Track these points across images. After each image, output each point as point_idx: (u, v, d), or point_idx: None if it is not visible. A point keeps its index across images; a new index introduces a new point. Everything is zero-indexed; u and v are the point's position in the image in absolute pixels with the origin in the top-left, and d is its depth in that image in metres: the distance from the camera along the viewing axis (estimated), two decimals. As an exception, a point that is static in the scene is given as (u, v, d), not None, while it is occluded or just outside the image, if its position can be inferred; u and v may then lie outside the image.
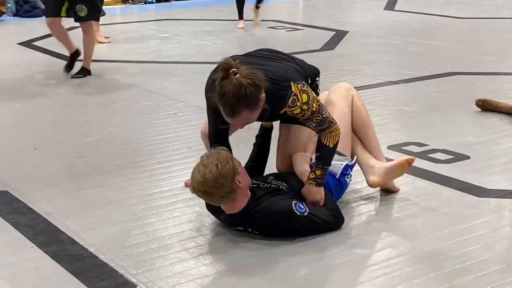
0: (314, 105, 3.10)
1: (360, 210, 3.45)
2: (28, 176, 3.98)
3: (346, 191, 3.54)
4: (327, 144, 3.17)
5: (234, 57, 3.09)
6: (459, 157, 4.15)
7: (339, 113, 3.42)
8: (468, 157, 4.14)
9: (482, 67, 6.60)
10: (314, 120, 3.13)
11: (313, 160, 3.27)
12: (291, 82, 3.08)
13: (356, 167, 3.56)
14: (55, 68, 6.91)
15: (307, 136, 3.43)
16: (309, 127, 3.22)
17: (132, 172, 4.02)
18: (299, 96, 3.06)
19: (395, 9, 10.99)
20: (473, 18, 9.69)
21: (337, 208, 3.26)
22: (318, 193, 3.22)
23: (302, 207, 3.11)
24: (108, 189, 3.76)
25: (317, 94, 3.40)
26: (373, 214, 3.43)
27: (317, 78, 3.44)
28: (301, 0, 13.13)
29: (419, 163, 4.03)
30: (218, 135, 3.27)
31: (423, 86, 5.94)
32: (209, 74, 3.27)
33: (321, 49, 7.74)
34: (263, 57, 3.31)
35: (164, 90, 5.93)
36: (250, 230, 3.16)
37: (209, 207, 3.26)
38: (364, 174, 3.55)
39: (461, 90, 5.75)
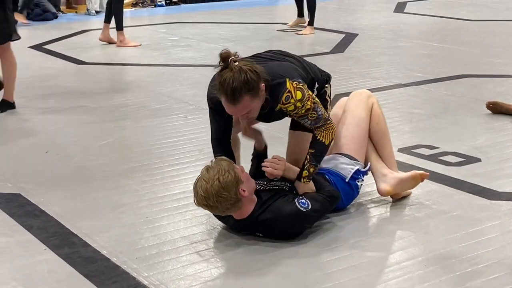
0: (309, 103, 3.10)
1: (371, 213, 3.45)
2: (40, 179, 4.00)
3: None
4: (323, 141, 3.18)
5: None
6: (470, 160, 4.14)
7: (357, 118, 3.43)
8: (479, 160, 4.13)
9: (492, 69, 6.59)
10: (309, 118, 3.14)
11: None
12: (287, 79, 3.11)
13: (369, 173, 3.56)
14: (66, 72, 6.95)
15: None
16: (304, 125, 3.21)
17: (143, 175, 4.03)
18: (293, 93, 3.08)
19: (404, 11, 10.98)
20: (483, 20, 9.67)
21: (330, 188, 3.27)
22: (311, 189, 3.24)
23: (305, 202, 3.13)
24: (119, 192, 3.78)
25: (326, 100, 3.40)
26: (384, 217, 3.43)
27: (326, 85, 3.45)
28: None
29: (430, 166, 4.03)
30: (220, 140, 3.30)
31: (433, 88, 5.94)
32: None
33: (331, 52, 7.75)
34: (266, 57, 3.35)
35: (175, 93, 5.95)
36: (259, 234, 3.17)
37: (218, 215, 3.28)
38: (376, 181, 3.53)
39: (471, 92, 5.74)
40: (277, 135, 4.13)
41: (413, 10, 11.02)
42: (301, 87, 3.11)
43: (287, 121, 3.42)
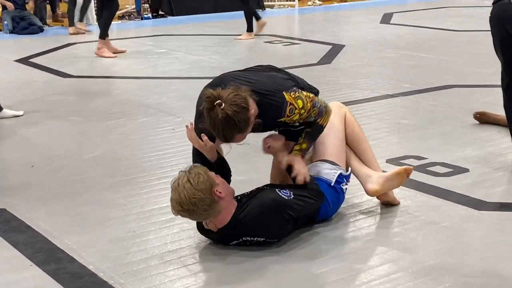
0: (308, 104, 3.18)
1: (360, 225, 3.43)
2: (26, 194, 3.96)
3: (344, 204, 3.53)
4: (320, 123, 3.28)
5: (226, 75, 3.26)
6: (458, 170, 4.14)
7: (332, 127, 3.45)
8: (467, 170, 4.13)
9: (479, 79, 6.61)
10: (312, 115, 3.23)
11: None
12: (283, 92, 3.14)
13: (355, 181, 3.55)
14: (51, 85, 6.91)
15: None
16: (312, 121, 3.28)
17: (130, 188, 4.00)
18: (294, 104, 3.15)
19: (390, 22, 11.02)
20: (469, 30, 9.72)
21: (317, 187, 3.30)
22: (304, 166, 3.28)
23: (287, 191, 3.15)
24: (106, 206, 3.74)
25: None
26: (372, 228, 3.41)
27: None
28: (297, 14, 13.19)
29: (418, 176, 4.03)
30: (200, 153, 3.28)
31: (420, 99, 5.95)
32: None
33: (318, 63, 7.75)
34: (256, 70, 3.38)
35: (162, 106, 5.93)
36: (247, 239, 3.14)
37: (201, 229, 3.25)
38: (362, 184, 3.53)
39: (458, 102, 5.75)
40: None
41: (399, 21, 11.06)
42: (299, 95, 3.18)
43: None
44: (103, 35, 8.11)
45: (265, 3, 13.53)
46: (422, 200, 3.70)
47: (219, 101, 2.94)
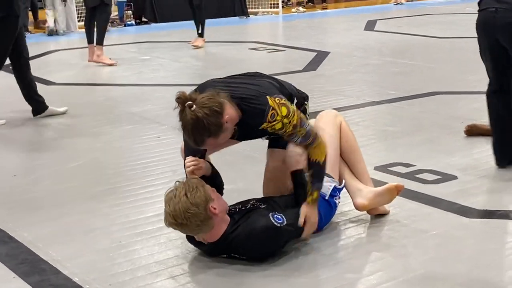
0: (295, 117, 3.05)
1: (350, 233, 3.39)
2: (9, 203, 3.89)
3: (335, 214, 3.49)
4: (317, 161, 3.14)
5: (209, 81, 3.20)
6: (446, 177, 4.11)
7: (328, 137, 3.38)
8: (455, 177, 4.11)
9: (464, 86, 6.61)
10: (299, 135, 3.09)
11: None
12: (267, 96, 3.04)
13: (344, 191, 3.51)
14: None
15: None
16: (295, 144, 3.15)
17: (115, 197, 3.94)
18: (277, 109, 3.02)
19: (375, 29, 11.04)
20: (453, 37, 9.75)
21: None
22: (316, 216, 3.19)
23: (280, 217, 3.07)
24: (91, 216, 3.68)
25: (306, 118, 3.35)
26: (363, 237, 3.37)
27: (305, 102, 3.41)
28: (282, 21, 13.19)
29: (407, 184, 3.98)
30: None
31: (406, 106, 5.93)
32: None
33: (303, 70, 7.73)
34: (241, 77, 3.31)
35: (147, 113, 5.87)
36: (235, 255, 3.09)
37: (190, 239, 3.19)
38: (352, 197, 3.50)
39: (444, 109, 5.74)
40: (252, 155, 4.07)
41: (383, 28, 11.09)
42: (284, 102, 3.06)
43: (262, 140, 3.36)
44: (101, 41, 8.03)
45: (249, 10, 13.52)
46: (412, 208, 3.67)
47: (190, 102, 2.88)
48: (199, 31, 9.33)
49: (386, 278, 2.93)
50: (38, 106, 5.77)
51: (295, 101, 3.30)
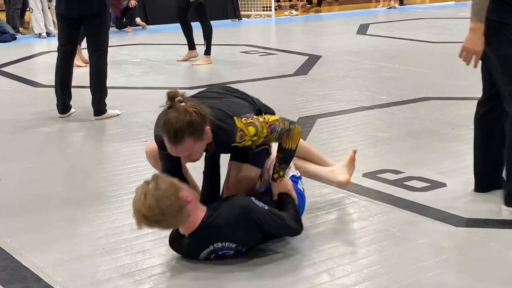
0: (264, 131, 3.12)
1: (336, 241, 3.35)
2: (-8, 208, 3.84)
3: (320, 221, 3.45)
4: (289, 148, 3.22)
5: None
6: (435, 184, 4.08)
7: None
8: (444, 185, 4.07)
9: (455, 92, 6.58)
10: (272, 139, 3.19)
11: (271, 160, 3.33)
12: (235, 118, 3.09)
13: (328, 199, 3.48)
14: (22, 94, 6.77)
15: (255, 174, 3.38)
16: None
17: (100, 203, 3.89)
18: (245, 130, 3.08)
19: (367, 33, 11.02)
20: (445, 42, 9.74)
21: (298, 215, 3.26)
22: (287, 184, 3.31)
23: (262, 203, 3.10)
24: (75, 222, 3.63)
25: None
26: (349, 245, 3.32)
27: None
28: (274, 24, 13.16)
29: (395, 191, 3.97)
30: (171, 174, 3.15)
31: (397, 111, 5.90)
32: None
33: (294, 74, 7.70)
34: (211, 96, 3.31)
35: (135, 117, 5.82)
36: (217, 245, 3.04)
37: (173, 244, 3.16)
38: (331, 179, 3.70)
39: (435, 115, 5.72)
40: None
41: (375, 32, 11.07)
42: (251, 121, 3.11)
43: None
44: (80, 41, 7.94)
45: (241, 12, 13.49)
46: (399, 216, 3.63)
47: (180, 98, 2.94)
48: (204, 48, 8.36)
49: (372, 288, 2.89)
50: None
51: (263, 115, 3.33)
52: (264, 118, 3.16)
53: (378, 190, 4.00)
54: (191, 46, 8.55)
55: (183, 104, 2.94)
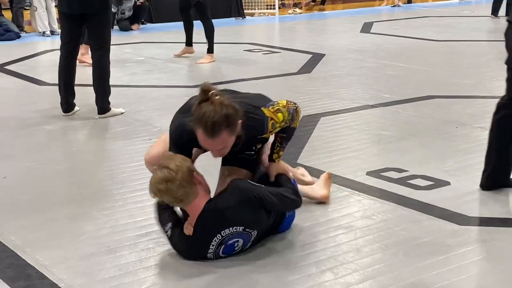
0: (286, 114, 3.22)
1: (340, 240, 3.35)
2: (-4, 206, 3.85)
3: (324, 219, 3.47)
4: (293, 127, 3.32)
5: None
6: (439, 183, 4.08)
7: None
8: (448, 183, 4.07)
9: (459, 90, 6.58)
10: (287, 122, 3.25)
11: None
12: (262, 108, 3.17)
13: (335, 195, 3.48)
14: (26, 93, 6.78)
15: (248, 177, 3.39)
16: None
17: (105, 201, 3.89)
18: (275, 118, 3.19)
19: (371, 31, 11.01)
20: (450, 40, 9.73)
21: (296, 189, 3.31)
22: (284, 165, 3.41)
23: (258, 184, 3.17)
24: (79, 220, 3.64)
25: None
26: (352, 244, 3.32)
27: None
28: (278, 22, 13.15)
29: (399, 189, 3.97)
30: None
31: (401, 110, 5.90)
32: (184, 99, 3.23)
33: (298, 72, 7.69)
34: (231, 92, 3.40)
35: (139, 115, 5.83)
36: (225, 232, 3.04)
37: (175, 245, 3.17)
38: (312, 197, 3.71)
39: (439, 114, 5.71)
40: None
41: (379, 30, 11.06)
42: (278, 108, 3.21)
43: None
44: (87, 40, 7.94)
45: (245, 11, 13.48)
46: (403, 215, 3.63)
47: (215, 91, 2.97)
48: (207, 47, 8.39)
49: (375, 287, 2.89)
50: None
51: None
52: (278, 103, 3.25)
53: (381, 189, 4.00)
54: (189, 42, 8.70)
55: (218, 97, 2.95)
